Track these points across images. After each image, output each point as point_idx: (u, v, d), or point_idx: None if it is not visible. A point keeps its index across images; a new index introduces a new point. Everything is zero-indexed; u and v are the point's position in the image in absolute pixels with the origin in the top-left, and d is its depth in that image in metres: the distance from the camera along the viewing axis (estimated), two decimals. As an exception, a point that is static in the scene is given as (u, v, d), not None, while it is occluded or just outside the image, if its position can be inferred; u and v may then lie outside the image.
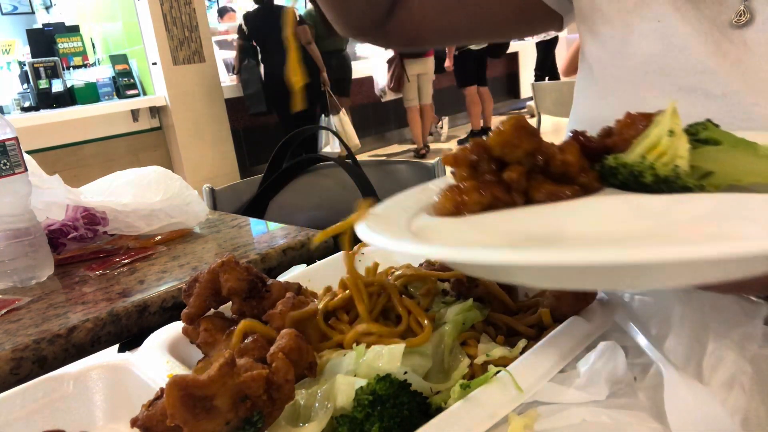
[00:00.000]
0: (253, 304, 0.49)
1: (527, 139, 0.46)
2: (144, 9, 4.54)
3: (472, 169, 0.47)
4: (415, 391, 0.40)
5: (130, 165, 1.12)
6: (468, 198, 0.45)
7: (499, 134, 0.46)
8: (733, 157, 0.43)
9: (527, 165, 0.46)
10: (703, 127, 0.45)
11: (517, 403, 0.39)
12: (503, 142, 0.46)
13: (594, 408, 0.39)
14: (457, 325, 0.47)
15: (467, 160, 0.47)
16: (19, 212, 0.85)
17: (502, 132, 0.46)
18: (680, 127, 0.43)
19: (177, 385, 0.33)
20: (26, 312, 0.76)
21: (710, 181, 0.42)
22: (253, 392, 0.35)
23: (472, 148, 0.48)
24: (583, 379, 0.41)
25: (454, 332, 0.46)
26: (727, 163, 0.42)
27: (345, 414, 0.38)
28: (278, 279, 0.57)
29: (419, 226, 0.45)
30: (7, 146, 0.82)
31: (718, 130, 0.45)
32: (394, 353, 0.41)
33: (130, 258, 0.92)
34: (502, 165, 0.47)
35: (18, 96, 4.80)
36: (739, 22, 0.58)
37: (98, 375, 0.52)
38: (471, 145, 0.48)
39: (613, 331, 0.47)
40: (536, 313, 0.50)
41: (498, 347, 0.45)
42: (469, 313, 0.48)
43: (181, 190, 1.01)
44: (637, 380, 0.42)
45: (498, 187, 0.45)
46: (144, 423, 0.36)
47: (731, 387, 0.39)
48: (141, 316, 0.76)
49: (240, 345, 0.44)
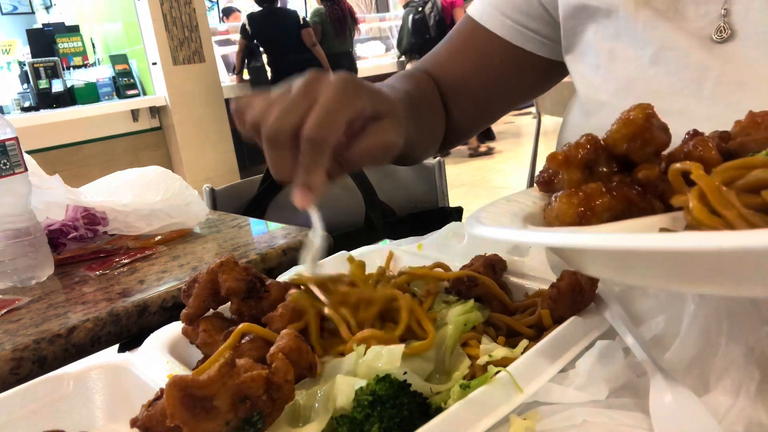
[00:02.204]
0: (252, 304, 0.49)
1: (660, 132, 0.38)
2: (144, 9, 4.54)
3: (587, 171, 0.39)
4: (415, 391, 0.39)
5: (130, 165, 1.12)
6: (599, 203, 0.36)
7: (626, 125, 0.38)
8: None
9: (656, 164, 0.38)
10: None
11: (517, 403, 0.39)
12: (632, 135, 0.38)
13: (594, 408, 0.39)
14: (459, 327, 0.47)
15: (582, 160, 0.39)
16: (19, 212, 0.85)
17: (630, 123, 0.38)
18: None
19: (176, 386, 0.33)
20: (26, 312, 0.76)
21: None
22: (253, 392, 0.35)
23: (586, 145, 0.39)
24: (583, 379, 0.41)
25: (455, 333, 0.46)
26: None
27: (345, 414, 0.38)
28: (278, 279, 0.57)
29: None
30: (7, 146, 0.82)
31: None
32: (393, 353, 0.41)
33: (130, 258, 0.92)
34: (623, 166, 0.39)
35: (18, 96, 4.80)
36: (720, 38, 0.58)
37: (98, 375, 0.52)
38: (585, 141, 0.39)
39: (613, 330, 0.47)
40: (535, 313, 0.50)
41: (500, 348, 0.45)
42: (470, 314, 0.48)
43: (181, 190, 1.01)
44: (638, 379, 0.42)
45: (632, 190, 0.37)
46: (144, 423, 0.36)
47: (737, 394, 0.37)
48: (141, 316, 0.76)
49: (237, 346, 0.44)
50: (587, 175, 0.39)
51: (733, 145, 0.39)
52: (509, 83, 0.84)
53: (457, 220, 1.46)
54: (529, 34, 0.78)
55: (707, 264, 0.30)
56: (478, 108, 0.87)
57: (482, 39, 0.81)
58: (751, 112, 0.41)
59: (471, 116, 0.88)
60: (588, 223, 0.37)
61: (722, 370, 0.39)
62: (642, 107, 0.38)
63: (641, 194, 0.37)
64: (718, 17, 0.58)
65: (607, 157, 0.39)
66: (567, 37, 0.74)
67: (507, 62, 0.81)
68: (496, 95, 0.85)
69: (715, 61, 0.58)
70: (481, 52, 0.82)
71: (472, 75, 0.83)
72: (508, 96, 0.86)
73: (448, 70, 0.85)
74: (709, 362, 0.40)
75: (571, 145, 0.40)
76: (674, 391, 0.37)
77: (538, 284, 0.55)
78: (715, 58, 0.58)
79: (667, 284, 0.36)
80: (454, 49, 0.85)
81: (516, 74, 0.82)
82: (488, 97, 0.85)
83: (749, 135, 0.39)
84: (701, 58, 0.59)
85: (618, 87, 0.66)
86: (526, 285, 0.56)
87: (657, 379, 0.38)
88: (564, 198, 0.38)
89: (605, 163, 0.39)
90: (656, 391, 0.38)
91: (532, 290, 0.55)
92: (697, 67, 0.59)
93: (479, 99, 0.85)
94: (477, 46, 0.82)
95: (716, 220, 0.31)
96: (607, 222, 0.37)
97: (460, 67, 0.84)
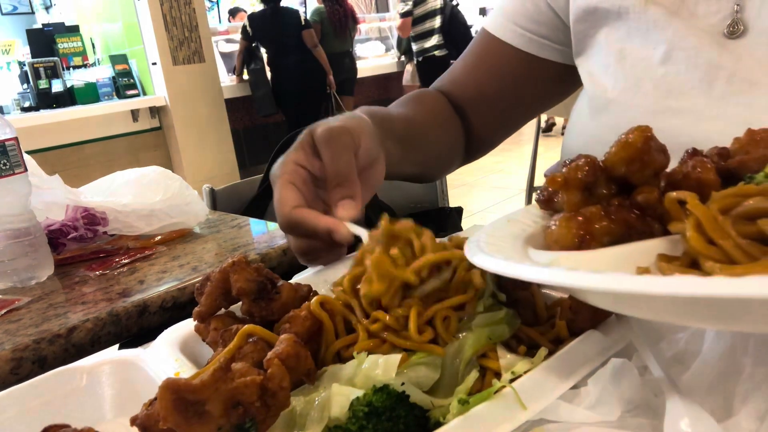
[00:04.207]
0: (263, 305, 0.48)
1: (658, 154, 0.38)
2: (144, 9, 4.54)
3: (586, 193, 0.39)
4: (414, 404, 0.37)
5: (130, 165, 1.12)
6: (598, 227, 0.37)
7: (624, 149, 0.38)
8: None
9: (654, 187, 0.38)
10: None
11: (520, 421, 0.37)
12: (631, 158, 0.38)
13: (605, 429, 0.37)
14: (481, 339, 0.42)
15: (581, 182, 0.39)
16: (19, 212, 0.85)
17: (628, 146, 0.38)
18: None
19: (169, 389, 0.33)
20: (26, 312, 0.76)
21: None
22: (246, 399, 0.35)
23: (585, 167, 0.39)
24: (594, 398, 0.38)
25: (475, 345, 0.42)
26: None
27: (339, 425, 0.36)
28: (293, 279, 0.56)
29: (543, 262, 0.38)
30: (7, 146, 0.82)
31: None
32: (390, 363, 0.39)
33: (130, 258, 0.92)
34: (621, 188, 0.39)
35: (18, 96, 4.80)
36: (732, 34, 0.58)
37: (111, 369, 0.52)
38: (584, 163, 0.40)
39: (631, 346, 0.43)
40: (554, 326, 0.46)
41: (520, 361, 0.41)
42: (497, 327, 0.43)
43: (181, 190, 1.01)
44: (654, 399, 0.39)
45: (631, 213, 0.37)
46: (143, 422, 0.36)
47: (763, 419, 0.34)
48: (141, 316, 0.76)
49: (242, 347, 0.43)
50: (586, 196, 0.39)
51: (732, 164, 0.39)
52: (525, 91, 0.84)
53: (457, 220, 1.46)
54: (541, 41, 0.79)
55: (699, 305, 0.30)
56: (498, 118, 0.88)
57: (496, 50, 0.82)
58: (750, 130, 0.41)
59: (492, 126, 0.89)
60: (588, 247, 0.37)
61: (747, 394, 0.36)
62: (641, 129, 0.39)
63: (640, 217, 0.37)
64: (730, 14, 0.58)
65: (606, 179, 0.40)
66: (578, 41, 0.74)
67: (522, 71, 0.82)
68: (514, 104, 0.86)
69: (726, 59, 0.58)
70: (496, 62, 0.83)
71: (488, 86, 0.85)
72: (526, 104, 0.87)
73: (463, 83, 0.87)
74: (732, 384, 0.37)
75: (570, 167, 0.40)
76: (691, 414, 0.34)
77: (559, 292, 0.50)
78: (726, 56, 0.58)
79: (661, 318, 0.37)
80: (470, 63, 0.87)
81: (531, 82, 0.83)
82: (506, 106, 0.86)
83: (748, 153, 0.39)
84: (712, 57, 0.59)
85: (627, 85, 0.66)
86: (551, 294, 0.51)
87: (673, 401, 0.36)
88: (563, 222, 0.38)
89: (604, 185, 0.39)
90: (672, 414, 0.35)
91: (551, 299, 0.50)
92: (708, 66, 0.59)
93: (497, 109, 0.86)
94: (492, 58, 0.83)
95: (713, 249, 0.32)
96: (607, 246, 0.37)
97: (475, 80, 0.86)
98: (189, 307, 0.57)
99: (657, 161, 0.38)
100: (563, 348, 0.42)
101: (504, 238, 0.42)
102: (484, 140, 0.90)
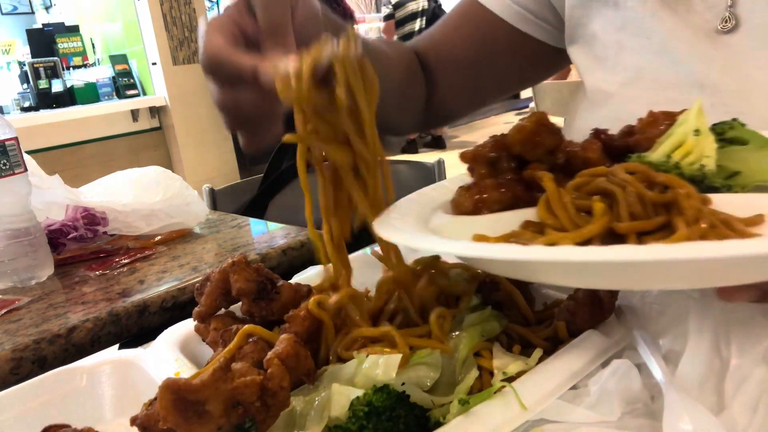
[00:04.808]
0: (262, 305, 0.48)
1: (549, 136, 0.44)
2: (144, 9, 4.54)
3: (491, 167, 0.46)
4: (414, 403, 0.38)
5: (130, 165, 1.12)
6: (488, 196, 0.43)
7: (519, 131, 0.44)
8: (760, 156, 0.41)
9: (548, 163, 0.44)
10: (729, 127, 0.43)
11: (520, 421, 0.37)
12: (524, 139, 0.44)
13: (605, 429, 0.37)
14: (474, 337, 0.44)
15: (486, 158, 0.46)
16: (19, 212, 0.85)
17: (522, 129, 0.44)
18: (706, 126, 0.41)
19: (169, 389, 0.33)
20: (26, 312, 0.76)
21: (737, 181, 0.40)
22: (246, 398, 0.35)
23: (491, 146, 0.46)
24: (594, 398, 0.38)
25: (470, 343, 0.43)
26: (755, 163, 0.41)
27: (339, 425, 0.36)
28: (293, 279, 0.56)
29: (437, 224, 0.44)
30: (7, 146, 0.82)
31: (745, 129, 0.43)
32: (390, 363, 0.39)
33: (130, 258, 0.92)
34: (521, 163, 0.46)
35: (18, 96, 4.80)
36: (725, 28, 0.58)
37: (111, 369, 0.52)
38: (490, 142, 0.46)
39: (631, 347, 0.44)
40: (551, 325, 0.47)
41: (514, 361, 0.42)
42: (487, 324, 0.45)
43: (181, 190, 1.01)
44: (654, 400, 0.39)
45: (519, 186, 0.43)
46: (143, 422, 0.36)
47: (755, 409, 0.35)
48: (141, 316, 0.76)
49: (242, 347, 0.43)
50: (492, 170, 0.46)
51: (631, 142, 0.45)
52: (500, 63, 0.82)
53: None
54: (529, 17, 0.77)
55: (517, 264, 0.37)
56: (467, 84, 0.85)
57: (480, 17, 0.80)
58: (651, 112, 0.46)
59: (457, 92, 0.86)
60: (479, 212, 0.44)
61: (737, 385, 0.37)
62: (536, 115, 0.45)
63: (526, 190, 0.44)
64: (724, 8, 0.59)
65: (508, 156, 0.46)
66: (572, 27, 0.73)
67: (503, 42, 0.79)
68: (485, 75, 0.83)
69: (719, 52, 0.58)
70: (477, 27, 0.80)
71: (461, 50, 0.82)
72: (500, 77, 0.84)
73: (437, 43, 0.84)
74: (722, 377, 0.38)
75: (479, 144, 0.48)
76: (690, 412, 0.35)
77: (559, 293, 0.52)
78: (719, 49, 0.59)
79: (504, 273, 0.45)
80: (450, 25, 0.84)
81: (510, 55, 0.81)
82: (476, 74, 0.83)
83: (644, 133, 0.45)
84: (706, 49, 0.59)
85: (625, 79, 0.66)
86: (551, 293, 0.53)
87: (672, 400, 0.36)
88: (463, 191, 0.45)
89: (507, 161, 0.46)
90: (671, 412, 0.36)
91: (551, 299, 0.52)
92: (702, 58, 0.59)
93: (467, 75, 0.83)
94: (473, 22, 0.81)
95: (551, 218, 0.40)
96: (496, 212, 0.44)
97: (451, 42, 0.83)
98: (189, 307, 0.56)
99: (547, 142, 0.45)
100: (563, 348, 0.42)
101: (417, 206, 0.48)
102: (445, 105, 0.87)
